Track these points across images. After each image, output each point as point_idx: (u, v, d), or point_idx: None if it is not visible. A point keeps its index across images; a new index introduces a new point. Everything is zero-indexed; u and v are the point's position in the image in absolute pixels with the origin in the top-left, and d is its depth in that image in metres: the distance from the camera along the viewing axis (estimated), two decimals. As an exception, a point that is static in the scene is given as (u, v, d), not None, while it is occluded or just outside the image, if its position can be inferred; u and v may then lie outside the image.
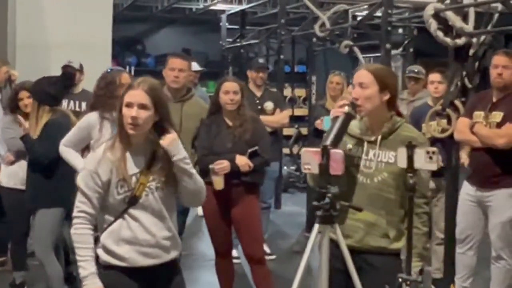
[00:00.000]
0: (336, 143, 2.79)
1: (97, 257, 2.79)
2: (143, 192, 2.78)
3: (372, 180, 2.99)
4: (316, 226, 2.62)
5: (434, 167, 2.67)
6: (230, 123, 4.56)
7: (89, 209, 2.76)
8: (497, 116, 4.48)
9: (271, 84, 8.42)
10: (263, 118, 5.93)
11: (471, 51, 5.07)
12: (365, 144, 3.03)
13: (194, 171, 2.88)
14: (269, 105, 6.29)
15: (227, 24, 11.52)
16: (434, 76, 5.53)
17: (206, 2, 12.00)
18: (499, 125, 4.45)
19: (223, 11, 11.93)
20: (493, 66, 4.54)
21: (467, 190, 4.68)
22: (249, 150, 4.50)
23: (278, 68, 9.01)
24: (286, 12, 8.93)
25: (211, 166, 4.40)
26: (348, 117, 2.92)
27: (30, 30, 7.48)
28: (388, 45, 6.10)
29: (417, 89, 6.62)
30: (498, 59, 4.53)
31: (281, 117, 6.36)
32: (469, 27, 5.01)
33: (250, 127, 4.55)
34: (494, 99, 4.58)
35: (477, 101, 4.72)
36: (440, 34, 5.00)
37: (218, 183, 4.42)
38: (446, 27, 5.08)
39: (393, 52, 9.72)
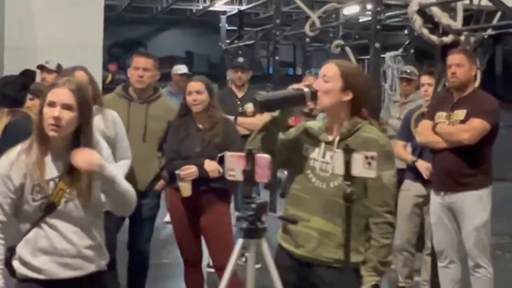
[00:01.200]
0: (267, 104, 2.65)
1: (13, 270, 2.55)
2: (62, 199, 2.54)
3: (328, 185, 2.74)
4: (240, 241, 2.35)
5: (373, 174, 2.40)
6: (200, 126, 4.31)
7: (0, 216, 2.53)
8: (460, 114, 4.27)
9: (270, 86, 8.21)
10: (241, 119, 5.71)
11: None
12: (323, 145, 2.79)
13: (119, 177, 2.63)
14: (249, 106, 6.01)
15: (226, 25, 11.33)
16: (424, 78, 5.27)
17: (205, 3, 11.80)
18: (462, 123, 4.26)
19: (224, 12, 11.75)
20: (448, 66, 4.34)
21: (435, 199, 4.43)
22: (219, 155, 4.22)
23: (273, 69, 8.77)
24: (283, 13, 8.71)
25: (177, 172, 4.15)
26: (300, 96, 2.70)
27: (19, 32, 7.32)
28: (377, 45, 5.86)
29: (409, 90, 6.33)
30: (452, 58, 4.32)
31: (260, 119, 6.09)
32: (457, 24, 4.74)
33: (221, 130, 4.29)
34: (455, 99, 4.37)
35: (439, 103, 4.54)
36: (425, 31, 4.75)
37: (185, 189, 4.17)
38: (433, 24, 4.83)
39: (393, 53, 9.48)
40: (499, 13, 6.04)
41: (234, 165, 2.36)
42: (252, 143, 2.78)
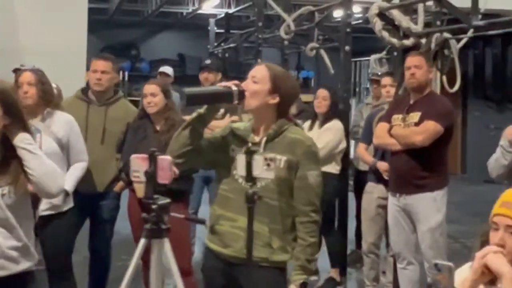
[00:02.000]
0: (194, 97, 2.67)
1: None
2: None
3: (254, 184, 2.75)
4: (142, 241, 2.40)
5: (271, 175, 2.45)
6: (157, 128, 4.35)
7: None
8: (415, 116, 4.32)
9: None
10: (212, 122, 5.73)
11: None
12: (249, 146, 2.79)
13: (39, 152, 2.67)
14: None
15: (215, 28, 11.37)
16: (385, 80, 5.27)
17: (194, 6, 11.86)
18: (417, 125, 4.29)
19: (214, 15, 11.81)
20: (406, 67, 4.39)
21: (391, 200, 4.46)
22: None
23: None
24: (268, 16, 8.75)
25: (132, 172, 4.18)
26: (227, 94, 2.72)
27: (2, 36, 7.36)
28: (347, 47, 5.87)
29: (380, 92, 6.35)
30: (410, 60, 4.37)
31: (226, 122, 6.12)
32: (418, 27, 4.76)
33: (178, 132, 4.33)
34: (411, 101, 4.41)
35: (395, 105, 4.59)
36: (385, 34, 4.77)
37: (140, 190, 4.19)
38: (394, 27, 4.85)
39: (378, 56, 9.47)
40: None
41: (138, 167, 2.40)
42: (177, 139, 2.83)
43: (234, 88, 2.73)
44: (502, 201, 2.28)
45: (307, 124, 5.56)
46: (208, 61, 6.09)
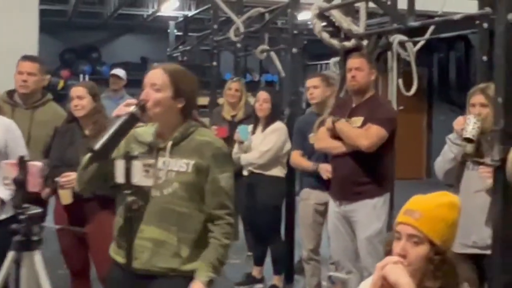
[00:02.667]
0: (107, 148, 2.46)
1: None
2: None
3: (162, 192, 2.65)
4: (11, 254, 2.22)
5: (150, 182, 2.30)
6: (86, 132, 4.17)
7: None
8: (357, 121, 4.21)
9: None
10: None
11: (362, 54, 4.70)
12: (155, 152, 2.68)
13: None
14: None
15: (175, 31, 11.22)
16: (310, 81, 5.03)
17: (154, 8, 11.68)
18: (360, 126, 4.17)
19: (175, 18, 11.66)
20: (347, 69, 4.28)
21: (332, 206, 4.34)
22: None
23: (212, 75, 8.63)
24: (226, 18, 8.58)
25: (56, 179, 4.00)
26: (132, 119, 2.56)
27: None
28: (294, 50, 5.75)
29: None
30: (351, 62, 4.26)
31: None
32: (359, 28, 4.64)
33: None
34: (354, 105, 4.30)
35: (337, 108, 4.46)
36: (325, 36, 4.65)
37: (64, 197, 4.03)
38: (335, 28, 4.73)
39: (337, 59, 9.37)
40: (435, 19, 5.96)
41: (8, 173, 2.23)
42: (84, 174, 2.68)
43: (134, 108, 2.57)
44: (405, 209, 2.16)
45: (250, 128, 5.44)
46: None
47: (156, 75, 2.67)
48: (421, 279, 2.11)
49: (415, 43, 5.96)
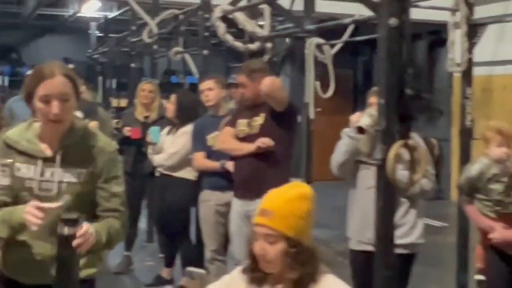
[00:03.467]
0: None
1: None
2: None
3: None
4: None
5: (7, 181, 2.29)
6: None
7: None
8: (259, 119, 4.33)
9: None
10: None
11: (266, 57, 4.81)
12: (39, 162, 2.51)
13: None
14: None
15: (97, 32, 11.13)
16: (205, 84, 5.05)
17: (74, 9, 11.54)
18: (262, 126, 4.31)
19: (98, 19, 11.57)
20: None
21: (235, 206, 4.40)
22: None
23: (129, 77, 8.60)
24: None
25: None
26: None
27: None
28: (205, 51, 5.79)
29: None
30: (238, 78, 4.45)
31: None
32: (264, 31, 4.72)
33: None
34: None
35: (240, 110, 4.57)
36: (229, 38, 4.71)
37: None
38: (239, 31, 4.80)
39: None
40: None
41: None
42: None
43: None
44: (260, 209, 2.26)
45: (165, 130, 5.47)
46: (70, 66, 5.86)
47: (62, 84, 2.45)
48: (281, 272, 2.21)
49: (332, 46, 6.11)
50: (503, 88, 9.62)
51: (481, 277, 4.10)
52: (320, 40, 5.42)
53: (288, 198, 2.26)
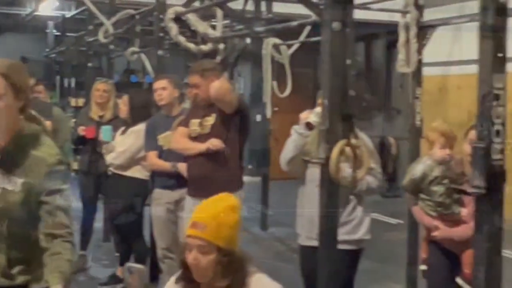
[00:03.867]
0: None
1: None
2: None
3: None
4: None
5: None
6: None
7: None
8: (210, 119, 4.39)
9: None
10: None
11: (219, 58, 4.88)
12: None
13: None
14: None
15: (55, 31, 11.06)
16: (158, 83, 5.04)
17: (32, 8, 11.44)
18: (213, 126, 4.36)
19: (56, 18, 11.50)
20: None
21: (188, 205, 4.47)
22: None
23: (86, 77, 8.59)
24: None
25: None
26: None
27: None
28: (160, 52, 5.83)
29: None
30: (190, 79, 4.48)
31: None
32: (216, 32, 4.79)
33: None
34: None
35: (193, 110, 4.62)
36: (181, 39, 4.77)
37: None
38: (192, 33, 4.86)
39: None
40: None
41: None
42: None
43: None
44: (192, 222, 2.37)
45: (120, 129, 5.50)
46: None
47: None
48: (213, 280, 2.33)
49: (289, 46, 6.21)
50: (457, 88, 9.85)
51: (424, 267, 4.24)
52: (277, 41, 5.52)
53: (219, 210, 2.40)
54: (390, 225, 8.09)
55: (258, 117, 9.52)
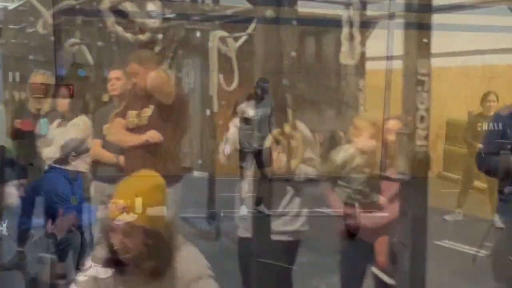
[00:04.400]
0: None
1: None
2: None
3: None
4: None
5: None
6: None
7: None
8: (148, 111, 4.30)
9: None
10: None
11: (157, 48, 4.80)
12: None
13: None
14: None
15: (-3, 23, 10.76)
16: (113, 73, 4.91)
17: (-28, -1, 11.12)
18: (150, 118, 4.28)
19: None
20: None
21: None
22: None
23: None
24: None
25: None
26: None
27: None
28: (100, 42, 5.71)
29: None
30: (128, 67, 4.37)
31: None
32: (155, 22, 4.71)
33: None
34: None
35: (132, 101, 4.49)
36: (119, 29, 4.67)
37: None
38: (129, 22, 4.77)
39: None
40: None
41: None
42: None
43: None
44: (116, 204, 2.33)
45: (56, 122, 5.36)
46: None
47: None
48: (140, 262, 2.27)
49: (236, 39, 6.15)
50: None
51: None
52: (224, 33, 5.48)
53: (142, 190, 2.33)
54: (331, 217, 8.10)
55: (208, 112, 9.44)
